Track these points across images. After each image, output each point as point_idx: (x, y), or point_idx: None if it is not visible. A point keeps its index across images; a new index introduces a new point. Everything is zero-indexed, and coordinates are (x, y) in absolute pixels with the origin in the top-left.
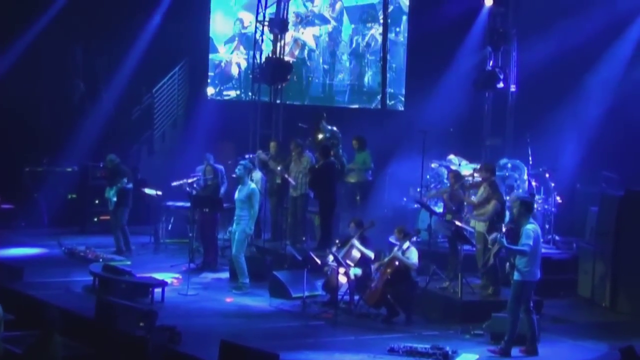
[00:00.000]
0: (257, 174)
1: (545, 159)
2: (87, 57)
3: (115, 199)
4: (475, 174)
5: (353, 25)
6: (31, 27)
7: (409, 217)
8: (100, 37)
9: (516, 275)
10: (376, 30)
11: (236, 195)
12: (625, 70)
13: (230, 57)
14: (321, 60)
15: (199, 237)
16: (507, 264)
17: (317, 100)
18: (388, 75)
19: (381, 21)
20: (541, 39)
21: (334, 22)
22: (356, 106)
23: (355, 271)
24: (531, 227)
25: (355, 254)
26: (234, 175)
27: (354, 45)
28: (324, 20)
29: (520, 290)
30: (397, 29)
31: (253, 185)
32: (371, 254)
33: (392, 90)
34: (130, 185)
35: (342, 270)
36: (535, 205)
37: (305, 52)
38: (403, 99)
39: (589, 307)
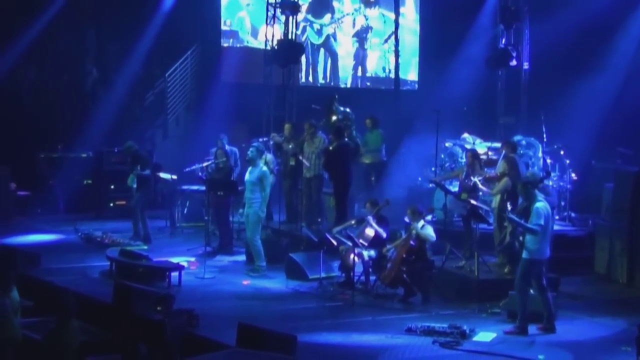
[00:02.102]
0: (268, 156)
1: (560, 136)
2: (100, 43)
3: (135, 185)
4: (490, 153)
5: (356, 5)
6: (44, 13)
7: (424, 196)
8: (112, 22)
9: (524, 254)
10: (379, 12)
11: (247, 177)
12: (639, 44)
13: (242, 39)
14: (322, 43)
15: (215, 221)
16: (516, 242)
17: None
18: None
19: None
20: (553, 16)
21: (336, 2)
22: (369, 84)
23: (370, 253)
24: (541, 205)
25: (369, 232)
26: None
27: (356, 27)
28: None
29: (528, 268)
30: (402, 9)
31: (265, 168)
32: (384, 233)
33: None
34: (147, 172)
35: (356, 250)
36: (551, 183)
37: (306, 34)
38: (414, 84)
39: (605, 283)
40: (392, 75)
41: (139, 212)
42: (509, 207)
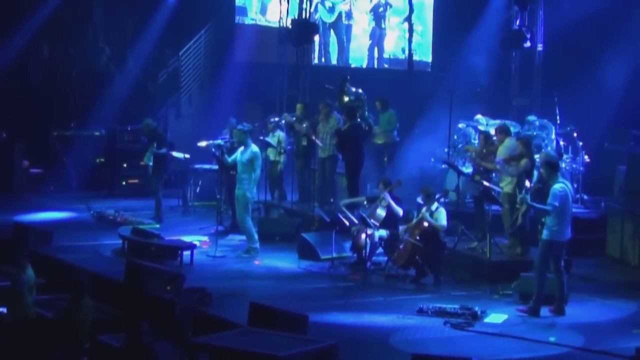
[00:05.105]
0: (281, 134)
1: (573, 118)
2: (108, 20)
3: (151, 162)
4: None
5: None
6: None
7: (437, 177)
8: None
9: (544, 234)
10: None
11: (238, 156)
12: None
13: (255, 18)
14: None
15: (227, 199)
16: (539, 225)
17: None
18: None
19: None
20: None
21: None
22: (386, 66)
23: (381, 233)
24: (558, 187)
25: (380, 212)
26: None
27: (372, 4)
28: None
29: (547, 249)
30: None
31: (255, 149)
32: (400, 211)
33: (418, 58)
34: (163, 150)
35: (369, 231)
36: (564, 165)
37: (319, 13)
38: (430, 65)
39: (617, 266)
40: (412, 49)
41: (156, 193)
42: (528, 186)
